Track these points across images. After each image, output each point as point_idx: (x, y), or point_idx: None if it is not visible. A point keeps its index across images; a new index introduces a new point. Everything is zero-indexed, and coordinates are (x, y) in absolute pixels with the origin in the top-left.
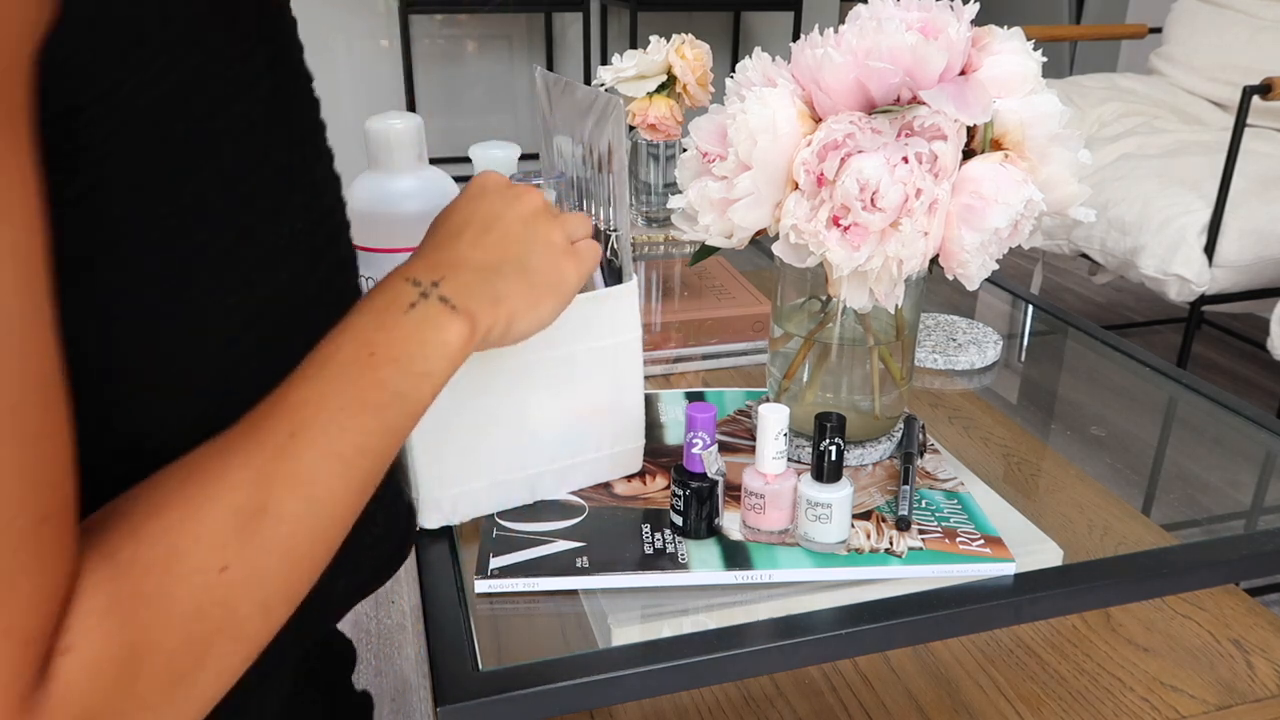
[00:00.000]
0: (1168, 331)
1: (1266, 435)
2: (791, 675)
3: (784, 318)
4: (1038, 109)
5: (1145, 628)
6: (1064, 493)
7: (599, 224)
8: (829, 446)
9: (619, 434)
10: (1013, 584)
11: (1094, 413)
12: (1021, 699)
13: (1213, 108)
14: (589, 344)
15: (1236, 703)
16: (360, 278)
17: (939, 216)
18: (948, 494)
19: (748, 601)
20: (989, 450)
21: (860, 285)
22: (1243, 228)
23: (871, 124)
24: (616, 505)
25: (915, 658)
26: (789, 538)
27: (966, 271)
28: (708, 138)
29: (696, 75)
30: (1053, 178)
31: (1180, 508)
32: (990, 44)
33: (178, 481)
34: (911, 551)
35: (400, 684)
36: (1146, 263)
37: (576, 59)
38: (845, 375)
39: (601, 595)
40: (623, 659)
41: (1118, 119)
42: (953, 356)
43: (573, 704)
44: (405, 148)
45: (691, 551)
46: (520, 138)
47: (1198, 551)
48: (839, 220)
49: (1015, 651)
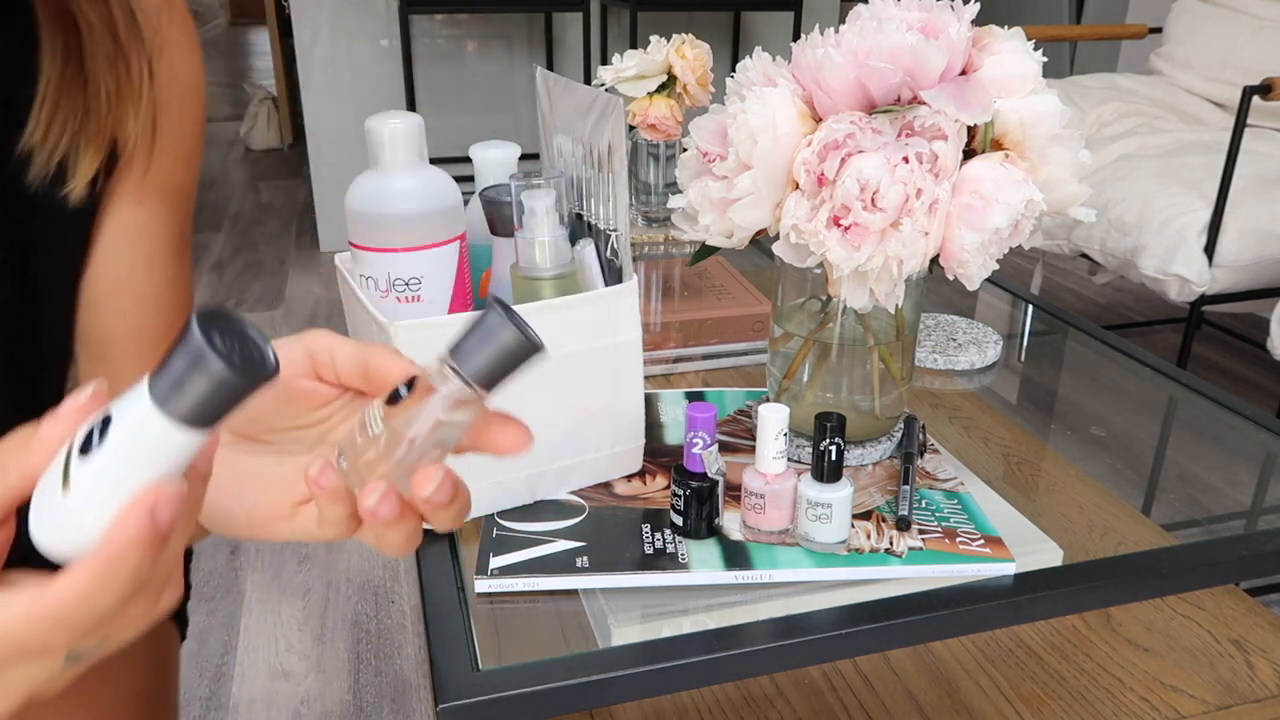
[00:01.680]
0: (1168, 331)
1: (1266, 435)
2: (791, 675)
3: (784, 318)
4: (1038, 109)
5: (1145, 628)
6: (1064, 493)
7: (598, 223)
8: (829, 446)
9: (619, 434)
10: (1013, 584)
11: (1094, 413)
12: (1021, 699)
13: (1213, 108)
14: (589, 344)
15: (1236, 703)
16: (360, 277)
17: (939, 216)
18: (948, 494)
19: (748, 601)
20: (989, 450)
21: (860, 285)
22: (1243, 228)
23: (872, 124)
24: (616, 505)
25: (915, 658)
26: (789, 538)
27: (967, 271)
28: (708, 137)
29: (696, 75)
30: (1053, 178)
31: (1180, 508)
32: (991, 44)
33: None
34: (911, 551)
35: (400, 684)
36: (1146, 263)
37: (576, 59)
38: (845, 375)
39: (601, 595)
40: (623, 659)
41: (1118, 119)
42: (953, 356)
43: (572, 704)
44: (405, 147)
45: (691, 551)
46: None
47: (1198, 551)
48: (839, 220)
49: (1015, 651)
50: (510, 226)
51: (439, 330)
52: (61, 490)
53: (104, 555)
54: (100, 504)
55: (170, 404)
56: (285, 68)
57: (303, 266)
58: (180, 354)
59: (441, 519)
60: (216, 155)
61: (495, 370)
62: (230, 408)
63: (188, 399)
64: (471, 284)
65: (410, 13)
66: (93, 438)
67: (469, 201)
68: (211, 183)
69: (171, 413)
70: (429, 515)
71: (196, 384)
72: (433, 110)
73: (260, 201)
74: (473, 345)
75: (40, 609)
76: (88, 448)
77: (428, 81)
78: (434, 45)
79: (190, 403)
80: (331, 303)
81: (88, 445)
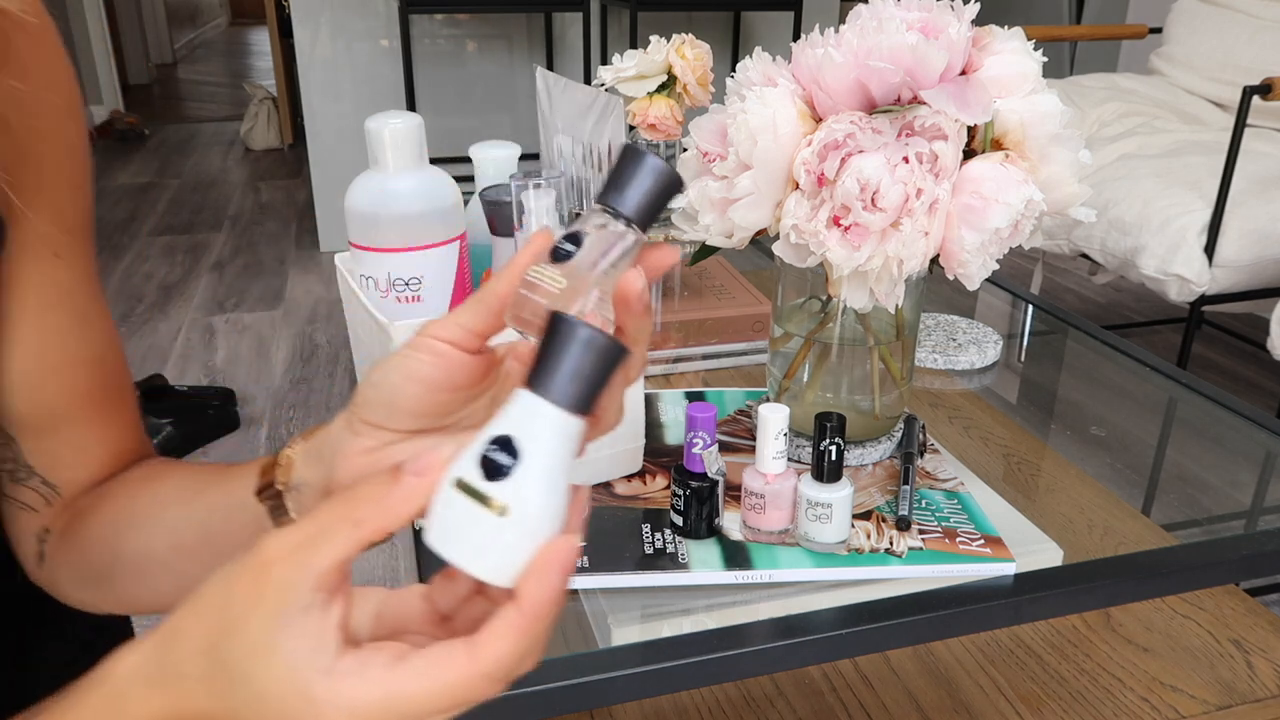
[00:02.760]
0: (1168, 331)
1: (1266, 435)
2: (791, 675)
3: (784, 318)
4: (1038, 109)
5: (1145, 628)
6: (1064, 493)
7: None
8: (829, 446)
9: (619, 434)
10: (1013, 584)
11: (1094, 413)
12: (1021, 699)
13: (1213, 108)
14: None
15: (1236, 703)
16: (360, 277)
17: (939, 216)
18: (948, 494)
19: (748, 601)
20: (989, 450)
21: (860, 285)
22: (1243, 228)
23: (872, 124)
24: (616, 505)
25: (915, 658)
26: (789, 538)
27: (967, 271)
28: (708, 137)
29: (696, 75)
30: (1053, 178)
31: (1180, 508)
32: (991, 44)
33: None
34: (911, 551)
35: None
36: (1146, 263)
37: (576, 59)
38: (845, 375)
39: (601, 595)
40: (623, 659)
41: (1118, 119)
42: (953, 356)
43: (572, 704)
44: (405, 147)
45: (691, 551)
46: (520, 138)
47: (1198, 551)
48: (839, 220)
49: (1015, 651)
50: (510, 226)
51: None
52: (497, 517)
53: (530, 612)
54: (541, 515)
55: (564, 394)
56: (285, 68)
57: (303, 266)
58: (560, 347)
59: (644, 328)
60: (216, 155)
61: (652, 204)
62: (605, 384)
63: (577, 385)
64: (471, 284)
65: (410, 13)
66: (495, 461)
67: (469, 201)
68: (211, 183)
69: (566, 402)
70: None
71: (585, 367)
72: (433, 110)
73: (260, 201)
74: (625, 186)
75: (480, 667)
76: (499, 471)
77: (428, 81)
78: (434, 45)
79: (579, 388)
80: (331, 303)
81: (496, 469)
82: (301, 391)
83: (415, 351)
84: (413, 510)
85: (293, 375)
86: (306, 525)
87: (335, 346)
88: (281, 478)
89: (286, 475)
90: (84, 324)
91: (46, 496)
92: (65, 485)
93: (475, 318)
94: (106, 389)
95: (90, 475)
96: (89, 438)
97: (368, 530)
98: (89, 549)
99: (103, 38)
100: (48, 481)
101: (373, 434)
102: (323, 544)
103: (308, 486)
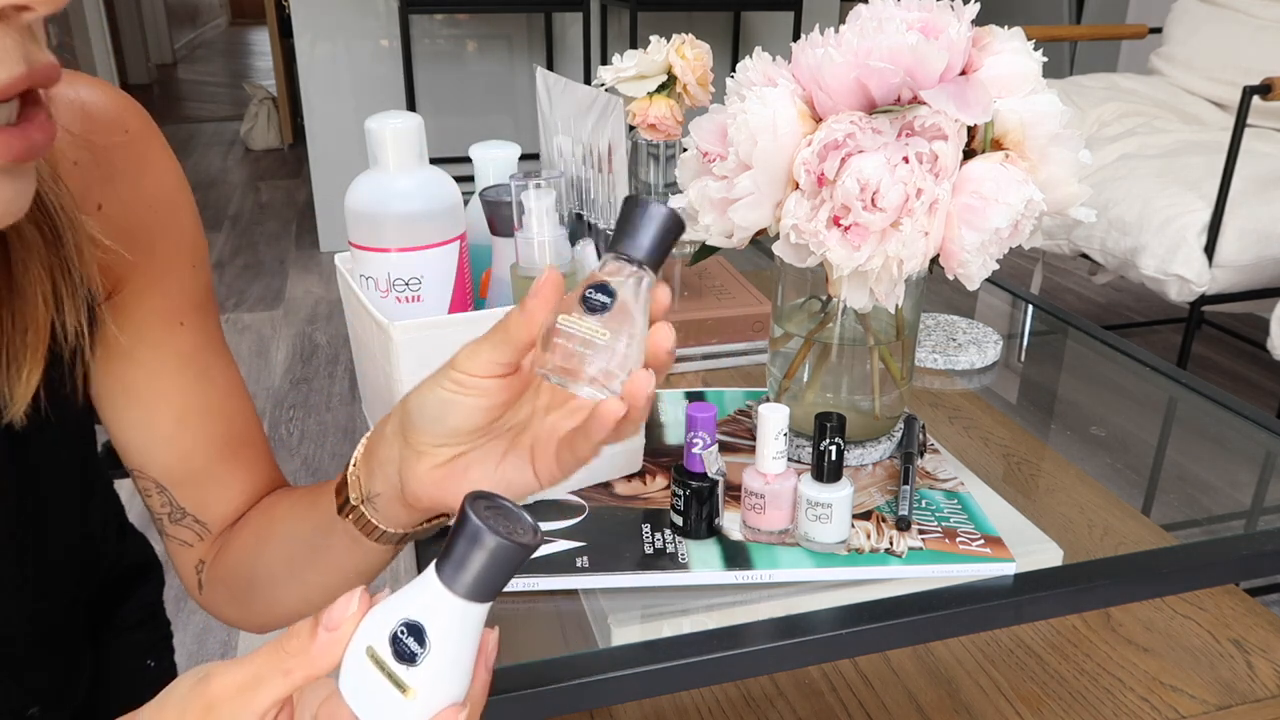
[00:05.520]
0: (1168, 331)
1: (1266, 435)
2: (791, 675)
3: (784, 318)
4: (1038, 109)
5: (1145, 628)
6: (1064, 493)
7: (598, 223)
8: (829, 446)
9: None
10: (1013, 584)
11: (1094, 413)
12: (1021, 699)
13: (1213, 108)
14: None
15: (1236, 703)
16: (360, 277)
17: (939, 216)
18: (948, 494)
19: (748, 601)
20: (989, 450)
21: (860, 285)
22: (1243, 228)
23: (872, 124)
24: (616, 505)
25: (915, 658)
26: (789, 538)
27: (967, 271)
28: (708, 137)
29: (696, 75)
30: (1053, 178)
31: (1180, 508)
32: (991, 44)
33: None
34: (911, 551)
35: None
36: (1146, 263)
37: (576, 59)
38: (845, 375)
39: (601, 595)
40: (623, 659)
41: (1118, 119)
42: (953, 356)
43: (572, 704)
44: (405, 147)
45: (691, 551)
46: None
47: (1198, 551)
48: (839, 220)
49: (1015, 651)
50: (510, 226)
51: (439, 330)
52: (402, 696)
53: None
54: (442, 698)
55: (472, 590)
56: (285, 68)
57: (303, 266)
58: (464, 542)
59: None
60: (216, 155)
61: (661, 246)
62: (513, 574)
63: (482, 579)
64: (471, 284)
65: (410, 13)
66: (405, 646)
67: (469, 201)
68: (211, 183)
69: (475, 596)
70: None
71: (484, 563)
72: (433, 110)
73: (260, 201)
74: (635, 233)
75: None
76: (408, 657)
77: (428, 81)
78: (434, 45)
79: (484, 581)
80: (331, 303)
81: (405, 654)
82: (301, 391)
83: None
84: (332, 661)
85: (293, 375)
86: (248, 667)
87: (335, 346)
88: (354, 496)
89: (357, 492)
90: (207, 382)
91: (199, 533)
92: (213, 521)
93: (502, 354)
94: (237, 436)
95: (233, 510)
96: (227, 478)
97: (298, 677)
98: (232, 571)
99: (103, 38)
100: (199, 520)
101: (435, 452)
102: (260, 689)
103: (380, 497)
